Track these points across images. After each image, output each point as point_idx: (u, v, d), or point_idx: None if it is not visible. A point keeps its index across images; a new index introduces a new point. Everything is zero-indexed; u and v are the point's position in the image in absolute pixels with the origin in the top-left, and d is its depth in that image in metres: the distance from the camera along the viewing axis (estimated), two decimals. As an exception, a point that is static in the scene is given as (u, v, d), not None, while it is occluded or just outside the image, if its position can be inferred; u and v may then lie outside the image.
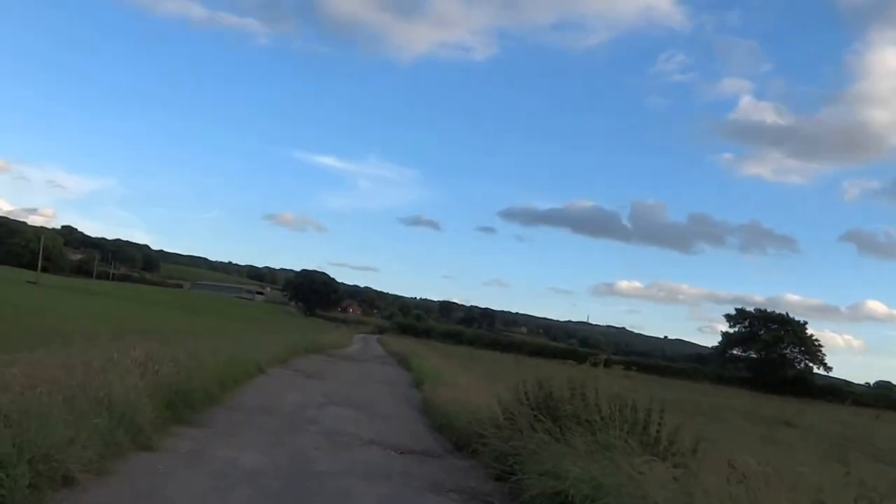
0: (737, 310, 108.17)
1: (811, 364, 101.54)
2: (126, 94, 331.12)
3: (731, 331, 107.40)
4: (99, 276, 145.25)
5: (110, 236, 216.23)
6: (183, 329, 28.17)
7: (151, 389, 9.63)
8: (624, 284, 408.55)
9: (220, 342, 19.74)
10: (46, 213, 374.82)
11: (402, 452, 10.80)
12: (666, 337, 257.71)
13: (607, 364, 9.48)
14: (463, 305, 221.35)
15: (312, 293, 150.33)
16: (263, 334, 30.68)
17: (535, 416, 8.67)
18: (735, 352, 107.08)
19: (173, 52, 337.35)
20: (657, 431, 8.12)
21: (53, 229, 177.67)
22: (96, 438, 6.93)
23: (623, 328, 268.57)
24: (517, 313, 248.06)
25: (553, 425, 8.26)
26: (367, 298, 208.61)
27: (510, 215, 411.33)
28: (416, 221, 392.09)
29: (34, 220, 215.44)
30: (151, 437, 8.39)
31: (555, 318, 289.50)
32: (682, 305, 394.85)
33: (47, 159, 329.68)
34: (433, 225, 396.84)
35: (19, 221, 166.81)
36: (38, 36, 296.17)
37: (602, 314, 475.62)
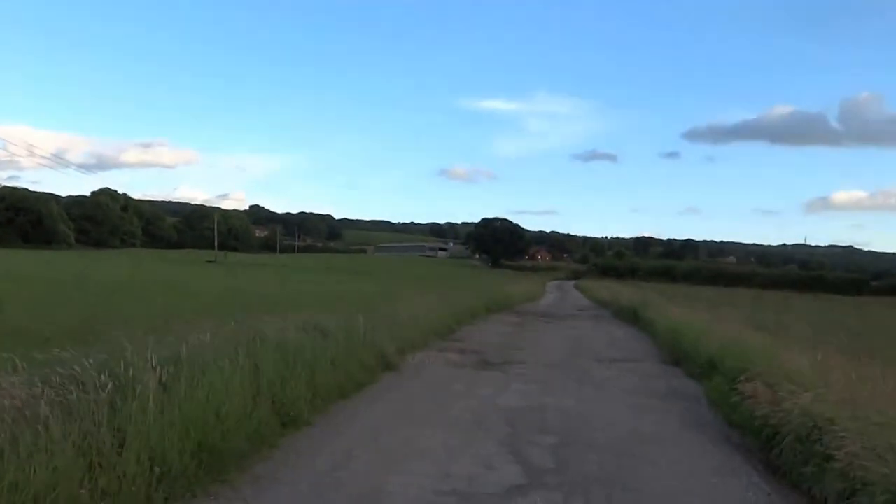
0: None
1: None
2: (296, 72, 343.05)
3: None
4: (283, 250, 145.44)
5: (295, 210, 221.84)
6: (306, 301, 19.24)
7: None
8: (842, 196, 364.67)
9: (343, 314, 11.49)
10: (238, 197, 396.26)
11: None
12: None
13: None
14: (660, 239, 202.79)
15: (496, 243, 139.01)
16: (430, 294, 21.81)
17: None
18: None
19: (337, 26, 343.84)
20: None
21: (243, 211, 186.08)
22: None
23: (850, 246, 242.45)
24: (722, 241, 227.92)
25: None
26: (555, 242, 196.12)
27: (696, 135, 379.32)
28: (591, 156, 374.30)
29: (226, 205, 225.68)
30: None
31: (766, 242, 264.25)
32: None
33: (234, 146, 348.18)
34: (610, 157, 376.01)
35: (212, 207, 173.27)
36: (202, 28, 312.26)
37: (821, 233, 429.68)
